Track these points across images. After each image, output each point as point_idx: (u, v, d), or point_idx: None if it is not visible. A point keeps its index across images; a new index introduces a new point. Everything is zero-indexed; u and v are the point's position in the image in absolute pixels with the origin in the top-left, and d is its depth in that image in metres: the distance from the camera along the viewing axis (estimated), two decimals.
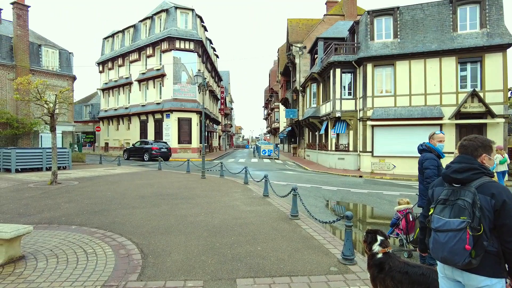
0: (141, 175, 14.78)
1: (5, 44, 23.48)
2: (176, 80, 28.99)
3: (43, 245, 4.96)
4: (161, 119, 29.78)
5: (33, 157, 16.40)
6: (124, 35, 35.77)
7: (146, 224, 6.14)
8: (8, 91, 22.92)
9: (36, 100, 11.33)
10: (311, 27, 34.02)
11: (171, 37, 28.88)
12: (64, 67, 27.17)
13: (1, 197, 8.98)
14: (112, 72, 36.87)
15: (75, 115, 40.16)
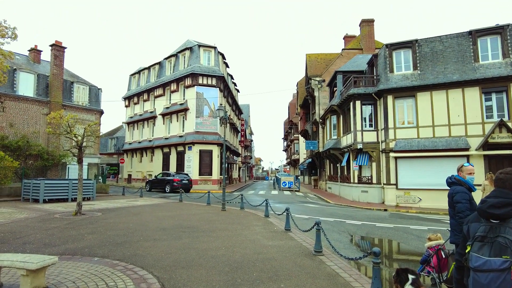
0: (162, 207, 14.87)
1: (42, 82, 25.14)
2: (198, 114, 29.80)
3: (66, 276, 4.98)
4: (183, 151, 30.35)
5: (60, 188, 16.91)
6: (150, 71, 37.59)
7: (168, 257, 6.09)
8: (42, 125, 24.21)
9: (66, 133, 11.88)
10: (329, 61, 34.68)
11: (195, 74, 30.08)
12: (93, 102, 28.61)
13: (29, 227, 9.21)
14: (137, 106, 38.43)
15: (101, 148, 41.58)
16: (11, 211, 12.75)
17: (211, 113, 30.18)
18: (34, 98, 24.53)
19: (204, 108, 30.11)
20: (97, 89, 29.32)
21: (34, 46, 27.81)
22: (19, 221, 10.38)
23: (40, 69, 26.32)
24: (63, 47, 26.60)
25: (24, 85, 24.10)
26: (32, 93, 24.53)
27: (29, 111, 24.15)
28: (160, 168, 32.35)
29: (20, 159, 21.80)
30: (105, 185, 23.41)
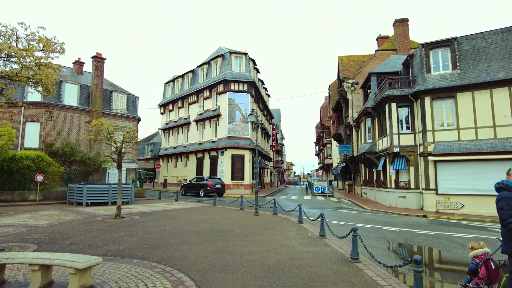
0: (197, 211, 15.18)
1: (84, 92, 26.69)
2: (230, 119, 30.23)
3: (109, 276, 5.21)
4: (216, 156, 30.87)
5: (101, 192, 17.79)
6: (184, 79, 38.74)
7: (203, 260, 6.21)
8: (84, 132, 25.67)
9: (106, 140, 12.51)
10: (362, 63, 33.91)
11: (226, 80, 30.61)
12: (130, 110, 29.92)
13: (74, 228, 9.77)
14: (172, 113, 39.70)
15: (138, 153, 43.29)
16: (58, 213, 13.59)
17: (243, 119, 30.49)
18: (78, 107, 26.09)
19: (236, 114, 30.49)
20: (134, 97, 30.65)
21: (78, 59, 29.63)
22: (66, 223, 11.03)
23: (82, 80, 27.98)
24: (103, 58, 28.12)
25: (69, 95, 25.72)
26: (75, 103, 26.11)
27: (73, 120, 25.70)
28: (194, 172, 33.11)
29: (65, 165, 23.24)
30: (142, 190, 24.31)
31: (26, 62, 6.50)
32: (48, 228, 9.94)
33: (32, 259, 4.50)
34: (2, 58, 6.31)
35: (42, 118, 24.15)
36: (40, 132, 24.06)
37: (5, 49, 5.89)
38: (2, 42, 5.92)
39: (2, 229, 9.50)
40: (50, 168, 20.19)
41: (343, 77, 33.42)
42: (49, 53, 6.61)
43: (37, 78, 6.67)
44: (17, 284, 4.76)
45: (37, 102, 23.39)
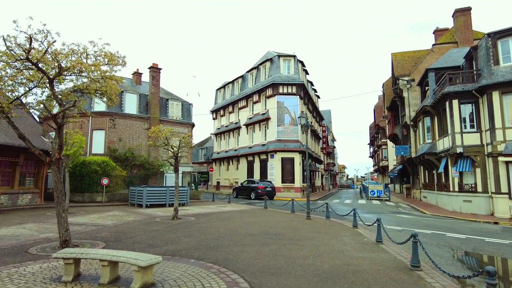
0: (249, 213, 15.40)
1: (143, 101, 28.57)
2: (279, 122, 30.28)
3: (168, 275, 5.50)
4: (266, 159, 31.09)
5: (159, 194, 18.85)
6: (234, 85, 39.70)
7: (257, 262, 6.28)
8: (143, 138, 27.44)
9: (164, 145, 13.26)
10: (418, 59, 31.94)
11: (275, 83, 30.75)
12: (185, 116, 31.38)
13: (136, 228, 10.47)
14: (223, 118, 40.88)
15: (193, 157, 45.17)
16: (121, 214, 14.66)
17: (292, 121, 30.35)
18: (137, 115, 27.99)
19: (285, 117, 30.45)
20: (188, 104, 32.09)
21: (136, 70, 31.81)
22: (128, 223, 11.86)
23: (141, 90, 29.98)
24: (159, 68, 29.88)
25: (129, 104, 27.71)
26: (135, 111, 28.03)
27: (133, 127, 27.60)
28: (245, 175, 33.67)
29: (127, 169, 25.01)
30: (197, 192, 25.27)
31: (94, 76, 7.11)
32: (113, 227, 10.77)
33: (102, 255, 4.91)
34: (75, 73, 6.99)
35: (107, 126, 26.29)
36: (105, 139, 26.20)
37: (77, 65, 6.54)
38: (75, 60, 6.58)
39: (76, 227, 10.48)
40: (114, 172, 21.88)
41: (397, 75, 31.76)
42: (113, 67, 7.19)
43: (103, 90, 7.27)
44: (90, 277, 5.22)
45: (102, 112, 25.54)
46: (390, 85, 37.72)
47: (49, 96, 7.83)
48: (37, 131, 19.47)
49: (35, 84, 7.36)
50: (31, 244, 7.80)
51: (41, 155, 7.49)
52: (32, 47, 6.52)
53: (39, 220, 12.41)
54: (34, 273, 5.48)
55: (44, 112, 8.04)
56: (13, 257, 6.55)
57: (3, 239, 8.49)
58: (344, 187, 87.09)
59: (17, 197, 17.89)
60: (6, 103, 7.08)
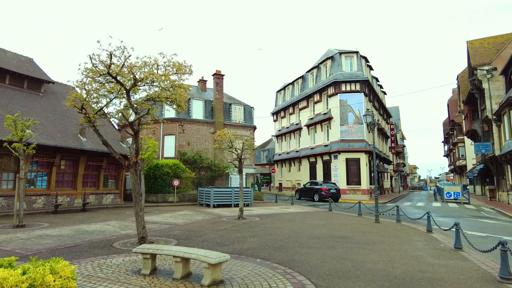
0: (312, 215, 15.19)
1: (208, 106, 29.98)
2: (343, 121, 29.36)
3: (236, 273, 5.67)
4: (329, 160, 30.36)
5: (225, 195, 19.57)
6: (294, 86, 39.57)
7: (323, 265, 6.16)
8: (209, 142, 28.78)
9: (229, 148, 13.74)
10: (500, 45, 28.40)
11: (337, 82, 29.91)
12: (247, 119, 32.15)
13: (205, 227, 11.00)
14: (284, 120, 40.96)
15: (255, 159, 46.04)
16: (191, 214, 15.53)
17: (356, 120, 29.20)
18: (203, 120, 29.45)
19: (349, 115, 29.42)
20: (250, 108, 32.85)
21: (201, 77, 33.49)
22: (197, 222, 12.51)
23: (206, 96, 31.50)
24: (222, 75, 31.10)
25: (196, 110, 29.28)
26: (201, 116, 29.53)
27: (200, 131, 29.10)
28: (307, 177, 33.27)
29: (195, 171, 26.43)
30: (260, 193, 25.69)
31: (164, 85, 7.66)
32: (184, 226, 11.46)
33: (175, 252, 5.26)
34: (147, 83, 7.61)
35: (176, 131, 28.10)
36: (175, 143, 28.03)
37: (150, 76, 7.13)
38: (147, 71, 7.18)
39: (151, 225, 11.37)
40: (184, 174, 23.29)
41: (475, 64, 28.64)
42: (181, 76, 7.67)
43: (173, 97, 7.80)
44: (165, 272, 5.62)
45: (172, 118, 27.38)
46: (466, 77, 34.22)
47: (126, 105, 8.64)
48: (116, 137, 21.58)
49: (114, 95, 8.19)
50: (114, 239, 8.67)
51: (121, 159, 8.30)
52: (112, 63, 7.26)
53: (120, 218, 13.74)
54: (118, 265, 6.08)
55: (122, 120, 8.90)
56: (101, 250, 7.35)
57: (93, 233, 9.58)
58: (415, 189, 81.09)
59: (102, 197, 20.02)
60: (92, 113, 8.00)
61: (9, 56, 20.51)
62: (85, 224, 11.68)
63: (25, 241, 8.31)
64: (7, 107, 16.54)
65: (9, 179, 15.82)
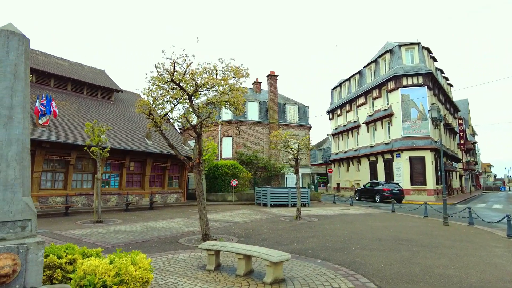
0: (374, 217, 14.60)
1: (263, 107, 30.37)
2: (405, 117, 27.72)
3: (297, 273, 5.71)
4: (390, 159, 28.87)
5: (281, 195, 19.67)
6: (350, 82, 38.31)
7: (387, 268, 5.92)
8: (265, 142, 29.13)
9: (285, 148, 13.80)
10: None
11: (397, 76, 28.34)
12: (302, 119, 31.92)
13: (263, 226, 11.20)
14: (340, 118, 39.85)
15: (311, 159, 45.49)
16: (249, 212, 15.89)
17: (420, 115, 27.34)
18: (258, 121, 29.89)
19: (411, 111, 27.67)
20: (304, 107, 32.56)
21: (256, 79, 34.01)
22: (256, 221, 12.77)
23: (260, 97, 31.92)
24: (276, 75, 31.26)
25: (251, 112, 29.84)
26: (256, 117, 30.00)
27: (256, 132, 29.58)
28: (367, 177, 31.99)
29: (252, 171, 26.94)
30: (317, 193, 25.34)
31: (223, 89, 7.97)
32: (243, 224, 11.78)
33: (238, 249, 5.46)
34: (207, 88, 7.99)
35: (233, 133, 28.91)
36: (232, 144, 28.86)
37: (210, 81, 7.49)
38: (208, 76, 7.55)
39: (213, 223, 11.87)
40: (241, 174, 23.90)
41: None
42: (239, 79, 7.92)
43: (231, 101, 8.10)
44: (228, 268, 5.86)
45: (229, 120, 28.25)
46: None
47: (188, 110, 9.16)
48: (179, 140, 22.86)
49: (178, 101, 8.73)
50: (180, 236, 9.23)
51: (185, 160, 8.82)
52: (175, 70, 7.76)
53: (183, 216, 14.56)
54: (185, 260, 6.48)
55: (186, 124, 9.44)
56: (168, 245, 7.88)
57: (160, 230, 10.30)
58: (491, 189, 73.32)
59: (167, 196, 21.36)
60: (159, 118, 8.62)
61: (86, 70, 22.90)
62: (153, 221, 12.58)
63: (104, 235, 9.23)
64: (85, 115, 18.48)
65: (88, 180, 17.66)
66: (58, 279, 3.64)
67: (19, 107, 2.99)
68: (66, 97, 19.12)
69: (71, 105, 18.73)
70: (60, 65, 20.99)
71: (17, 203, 2.86)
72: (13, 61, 2.99)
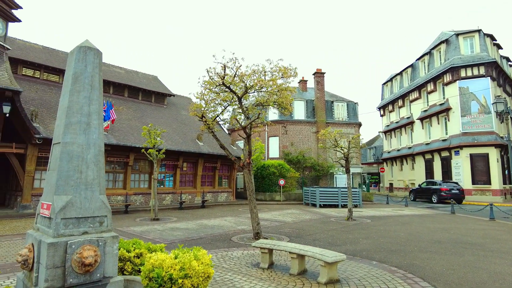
0: (432, 218, 13.79)
1: (309, 106, 30.05)
2: (464, 112, 25.74)
3: (351, 274, 5.61)
4: (448, 156, 26.98)
5: (331, 195, 19.30)
6: (402, 76, 36.43)
7: (450, 273, 5.59)
8: (312, 142, 28.80)
9: (334, 147, 13.55)
10: None
11: (454, 67, 26.39)
12: (351, 116, 31.02)
13: (313, 227, 11.11)
14: (392, 114, 38.06)
15: (361, 158, 44.02)
16: (298, 212, 15.83)
17: (482, 109, 25.19)
18: (305, 120, 29.62)
19: (472, 104, 25.60)
20: (353, 104, 31.61)
21: (302, 78, 33.73)
22: (305, 221, 12.70)
23: (307, 96, 31.60)
24: (323, 73, 30.74)
25: (297, 111, 29.65)
26: (303, 117, 29.75)
27: (302, 131, 29.34)
28: (422, 176, 30.21)
29: (299, 171, 26.78)
30: (369, 194, 24.49)
31: (271, 90, 8.07)
32: (293, 224, 11.78)
33: (291, 248, 5.51)
34: (256, 90, 8.14)
35: (280, 132, 28.97)
36: (279, 144, 28.92)
37: (259, 83, 7.62)
38: (256, 78, 7.70)
39: (263, 222, 12.02)
40: (288, 174, 23.87)
41: None
42: (287, 79, 7.96)
43: (280, 101, 8.16)
44: (281, 267, 5.93)
45: (275, 120, 28.36)
46: None
47: (238, 111, 9.39)
48: (228, 141, 23.45)
49: (228, 103, 9.00)
50: (232, 234, 9.49)
51: (236, 160, 9.06)
52: (226, 74, 8.01)
53: (234, 214, 14.92)
54: (238, 257, 6.67)
55: (236, 125, 9.70)
56: (222, 243, 8.16)
57: (213, 228, 10.68)
58: None
59: (217, 195, 22.03)
60: (210, 120, 8.95)
61: (140, 77, 24.42)
62: (206, 219, 13.07)
63: (161, 232, 9.80)
64: (141, 119, 19.71)
65: (145, 180, 18.82)
66: (128, 271, 3.98)
67: (95, 114, 3.33)
68: (123, 102, 20.56)
69: (128, 110, 20.10)
70: (117, 73, 22.63)
71: (95, 200, 3.19)
72: (90, 73, 3.34)
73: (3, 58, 14.05)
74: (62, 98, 3.40)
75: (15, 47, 17.28)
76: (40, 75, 18.05)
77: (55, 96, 16.91)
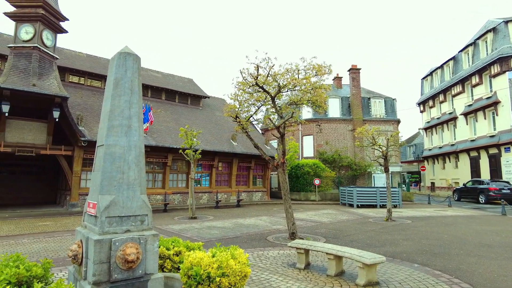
0: (479, 220, 12.94)
1: (345, 103, 29.38)
2: None
3: (391, 276, 5.41)
4: (497, 154, 25.18)
5: (369, 195, 18.73)
6: (443, 70, 34.52)
7: (502, 279, 5.21)
8: (348, 140, 28.15)
9: (372, 145, 13.13)
10: None
11: (503, 57, 24.56)
12: (389, 113, 29.93)
13: (351, 227, 10.84)
14: (433, 109, 36.20)
15: (401, 156, 42.30)
16: (335, 213, 15.53)
17: None
18: (340, 118, 28.98)
19: None
20: (391, 100, 30.46)
21: (336, 75, 33.01)
22: (342, 221, 12.43)
23: (342, 93, 30.90)
24: (358, 69, 29.90)
25: (332, 109, 29.09)
26: (338, 114, 29.13)
27: (338, 129, 28.73)
28: (467, 174, 28.44)
29: (335, 170, 26.26)
30: (409, 193, 23.48)
31: (305, 88, 7.98)
32: (329, 225, 11.57)
33: (328, 249, 5.42)
34: (290, 89, 8.09)
35: (314, 131, 28.58)
36: (313, 143, 28.54)
37: (292, 82, 7.57)
38: (290, 77, 7.65)
39: (298, 222, 11.93)
40: (323, 173, 23.48)
41: None
42: (321, 77, 7.83)
43: (314, 99, 8.04)
44: (318, 268, 5.85)
45: (309, 119, 28.01)
46: None
47: (271, 111, 9.39)
48: (261, 140, 23.52)
49: (261, 103, 9.02)
50: (267, 233, 9.51)
51: (270, 160, 9.06)
52: (259, 74, 8.04)
53: (269, 214, 14.93)
54: (274, 257, 6.67)
55: (270, 124, 9.70)
56: (257, 242, 8.20)
57: (249, 227, 10.77)
58: None
59: (252, 195, 22.18)
60: (244, 121, 9.03)
61: (176, 80, 25.17)
62: (241, 218, 13.21)
63: (198, 230, 10.04)
64: (178, 121, 20.31)
65: (183, 179, 19.37)
66: (168, 268, 4.12)
67: (136, 117, 3.48)
68: (160, 105, 21.29)
69: (165, 112, 20.79)
70: (154, 77, 23.48)
71: (137, 200, 3.33)
72: (130, 78, 3.50)
73: (53, 67, 15.08)
74: (105, 102, 3.59)
75: (62, 56, 18.48)
76: (85, 82, 19.19)
77: (98, 101, 17.89)
